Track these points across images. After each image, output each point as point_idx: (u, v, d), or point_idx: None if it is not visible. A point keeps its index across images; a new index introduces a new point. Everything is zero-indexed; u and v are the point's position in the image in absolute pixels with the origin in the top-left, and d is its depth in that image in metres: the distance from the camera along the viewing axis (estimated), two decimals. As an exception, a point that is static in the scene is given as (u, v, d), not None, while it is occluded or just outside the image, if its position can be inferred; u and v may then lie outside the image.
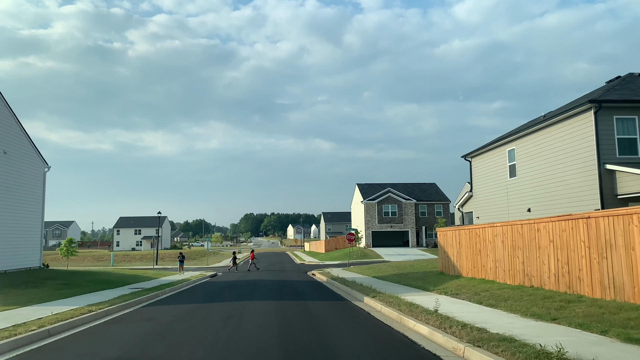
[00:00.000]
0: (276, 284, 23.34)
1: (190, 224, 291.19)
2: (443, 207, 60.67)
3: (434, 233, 61.05)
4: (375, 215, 58.60)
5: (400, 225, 58.59)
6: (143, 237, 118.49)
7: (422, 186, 65.05)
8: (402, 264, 29.57)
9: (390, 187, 60.26)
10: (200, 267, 46.38)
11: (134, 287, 20.26)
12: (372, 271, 27.72)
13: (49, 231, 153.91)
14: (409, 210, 59.08)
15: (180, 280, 24.68)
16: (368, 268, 30.77)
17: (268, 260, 57.94)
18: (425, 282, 17.88)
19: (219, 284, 24.28)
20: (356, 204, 65.49)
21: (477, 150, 26.80)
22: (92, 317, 11.55)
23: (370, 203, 58.87)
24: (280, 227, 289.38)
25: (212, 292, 19.37)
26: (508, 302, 11.35)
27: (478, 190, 27.34)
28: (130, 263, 50.85)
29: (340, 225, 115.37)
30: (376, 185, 64.30)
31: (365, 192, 61.19)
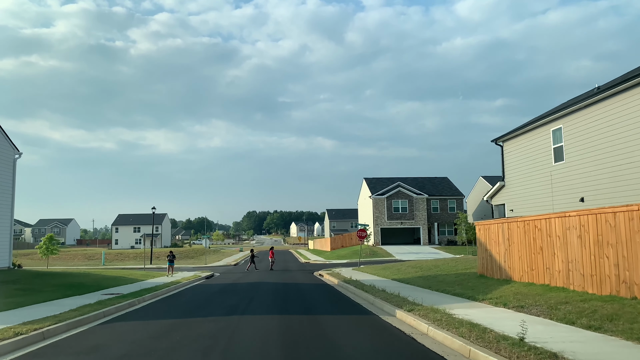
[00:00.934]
0: (279, 288, 19.81)
1: (192, 221, 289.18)
2: (457, 202, 57.03)
3: (446, 230, 57.47)
4: (384, 211, 55.03)
5: (411, 222, 54.99)
6: (142, 234, 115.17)
7: (433, 180, 61.38)
8: (422, 264, 25.98)
9: (400, 182, 56.65)
10: (198, 266, 42.95)
11: (107, 293, 16.77)
12: (390, 272, 24.15)
13: (47, 229, 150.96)
14: (420, 205, 55.47)
15: (167, 283, 21.17)
16: (383, 268, 27.20)
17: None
18: (465, 287, 14.31)
19: (212, 287, 20.76)
20: (363, 200, 61.93)
21: (511, 132, 23.18)
22: (14, 344, 8.01)
23: (379, 198, 55.30)
24: (283, 225, 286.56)
25: (200, 300, 15.83)
26: (618, 323, 7.77)
27: (512, 178, 23.71)
28: (123, 262, 47.52)
29: (345, 223, 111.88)
30: (384, 179, 60.69)
31: (374, 187, 57.61)
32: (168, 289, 18.94)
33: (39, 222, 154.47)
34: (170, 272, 26.82)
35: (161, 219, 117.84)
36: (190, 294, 17.87)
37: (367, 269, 29.22)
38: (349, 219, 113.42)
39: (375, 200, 55.44)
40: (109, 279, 22.07)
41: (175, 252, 56.97)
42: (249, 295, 16.35)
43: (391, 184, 56.97)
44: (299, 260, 51.73)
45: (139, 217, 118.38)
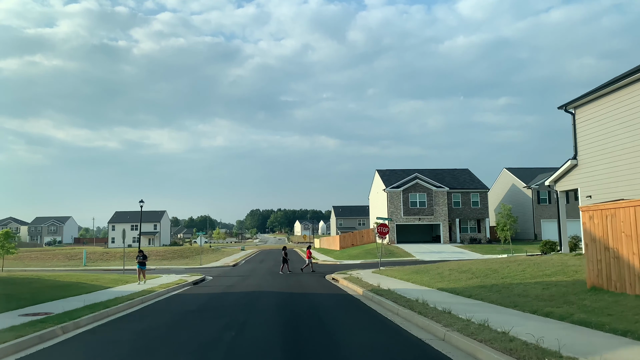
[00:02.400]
0: (285, 303, 14.35)
1: (195, 220, 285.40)
2: (480, 196, 51.41)
3: (468, 227, 51.85)
4: (400, 206, 49.49)
5: (429, 218, 49.43)
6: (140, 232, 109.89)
7: (453, 172, 55.73)
8: (471, 268, 20.36)
9: (417, 173, 51.06)
10: (190, 267, 37.62)
11: (31, 313, 11.40)
12: (429, 278, 18.64)
13: (43, 227, 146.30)
14: (440, 199, 49.90)
15: (133, 294, 15.73)
16: (415, 272, 21.68)
17: (274, 259, 49.03)
18: (587, 310, 8.82)
19: (192, 301, 15.29)
20: (376, 194, 56.37)
21: (587, 95, 17.60)
22: None
23: (394, 191, 49.74)
24: (287, 224, 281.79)
25: (159, 329, 10.34)
26: None
27: (587, 155, 18.11)
28: (107, 262, 42.28)
29: (352, 220, 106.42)
30: (399, 171, 55.12)
31: (388, 179, 52.06)
32: (128, 304, 13.50)
33: (35, 220, 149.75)
34: (142, 277, 21.10)
35: (159, 216, 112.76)
36: (156, 314, 12.42)
37: (392, 272, 23.72)
38: (357, 216, 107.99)
39: (390, 194, 49.90)
40: (60, 287, 16.69)
41: (171, 251, 51.72)
42: (239, 320, 10.84)
43: (407, 175, 51.41)
44: (305, 260, 46.28)
45: (137, 215, 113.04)
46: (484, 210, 51.40)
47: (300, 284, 21.31)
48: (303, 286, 19.87)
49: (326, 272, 30.10)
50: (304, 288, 18.86)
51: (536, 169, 56.69)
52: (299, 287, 19.56)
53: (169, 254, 47.47)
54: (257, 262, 43.75)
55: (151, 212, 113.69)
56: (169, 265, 39.23)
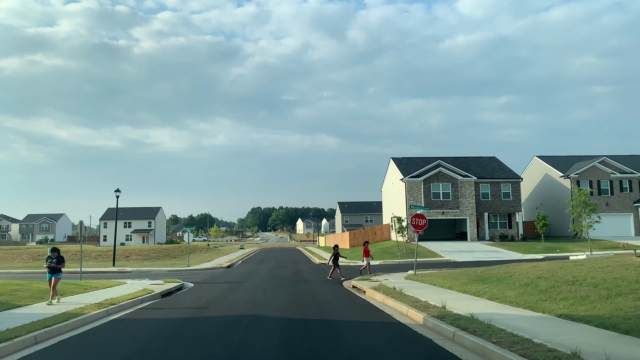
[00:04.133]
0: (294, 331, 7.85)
1: (195, 218, 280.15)
2: (512, 186, 44.88)
3: (498, 222, 45.34)
4: (420, 198, 42.98)
5: (454, 212, 42.95)
6: (133, 230, 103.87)
7: (479, 160, 49.20)
8: (575, 274, 13.65)
9: (440, 160, 44.58)
10: (175, 269, 31.23)
11: None
12: (515, 292, 12.14)
13: (35, 225, 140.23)
14: (467, 191, 43.44)
15: (21, 327, 9.23)
16: (478, 281, 15.22)
17: (275, 259, 42.65)
18: None
19: (125, 343, 8.82)
20: (390, 185, 49.86)
21: None
22: None
23: (414, 181, 43.23)
24: (289, 222, 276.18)
25: None
26: None
27: None
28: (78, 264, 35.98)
29: (359, 217, 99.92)
30: (417, 159, 48.66)
31: (405, 168, 45.59)
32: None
33: (27, 217, 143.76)
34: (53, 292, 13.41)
35: (155, 213, 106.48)
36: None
37: (437, 278, 17.29)
38: (364, 212, 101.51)
39: (408, 184, 43.37)
40: None
41: (157, 249, 45.27)
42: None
43: (426, 164, 44.93)
44: (311, 261, 39.91)
45: (130, 211, 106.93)
46: (516, 202, 44.86)
47: (314, 298, 14.84)
48: (319, 304, 13.39)
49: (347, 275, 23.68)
50: (322, 309, 12.37)
51: (571, 157, 50.17)
52: (314, 305, 13.09)
53: (154, 253, 41.12)
54: (255, 263, 37.37)
55: (145, 209, 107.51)
56: (150, 267, 32.86)
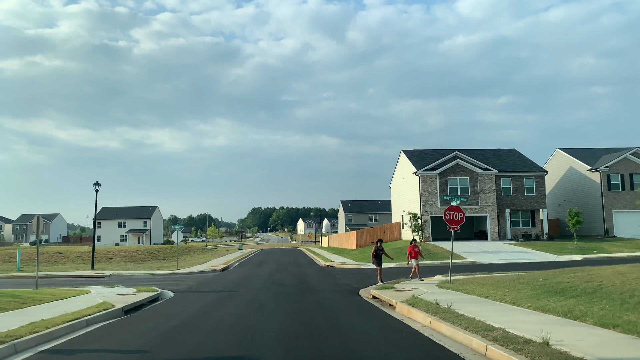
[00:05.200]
0: None
1: (195, 218, 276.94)
2: (536, 180, 40.78)
3: (520, 219, 41.29)
4: (435, 193, 38.93)
5: (474, 208, 38.89)
6: (128, 230, 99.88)
7: (498, 152, 45.12)
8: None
9: (457, 152, 40.51)
10: (160, 273, 27.23)
11: None
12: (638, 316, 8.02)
13: (29, 225, 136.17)
14: (487, 185, 39.38)
15: None
16: (552, 293, 11.23)
17: (276, 261, 38.66)
18: None
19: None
20: (401, 180, 45.79)
21: None
22: None
23: (429, 175, 39.16)
24: (290, 222, 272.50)
25: None
26: None
27: None
28: (55, 266, 31.83)
29: (363, 216, 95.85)
30: (430, 152, 44.59)
31: (418, 161, 41.54)
32: None
33: (21, 217, 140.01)
34: None
35: (150, 212, 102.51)
36: None
37: (494, 290, 13.25)
38: (368, 211, 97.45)
39: (423, 178, 39.30)
40: None
41: (146, 250, 41.25)
42: None
43: (440, 156, 40.85)
44: (316, 262, 35.91)
45: (125, 211, 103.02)
46: (540, 198, 40.78)
47: (330, 320, 10.78)
48: (339, 330, 9.29)
49: (355, 283, 19.66)
50: (345, 340, 8.28)
51: (597, 150, 46.13)
52: (332, 333, 9.00)
53: (141, 254, 37.09)
54: (253, 266, 33.36)
55: (141, 208, 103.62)
56: (134, 271, 28.86)
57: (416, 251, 18.87)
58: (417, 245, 19.19)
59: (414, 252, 18.87)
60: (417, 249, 18.94)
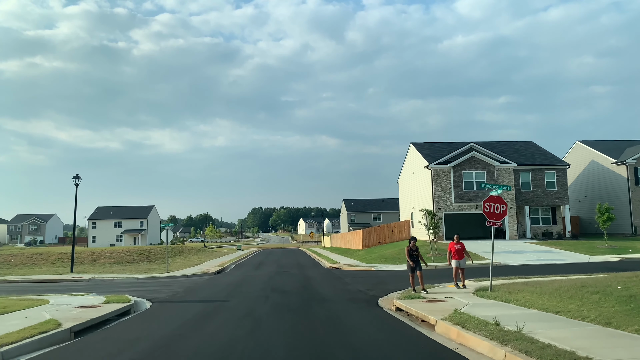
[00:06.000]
0: None
1: (194, 218, 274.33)
2: (557, 174, 37.71)
3: (540, 216, 38.21)
4: (449, 189, 35.87)
5: (490, 205, 35.92)
6: (124, 230, 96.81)
7: (515, 145, 42.05)
8: None
9: (473, 144, 37.42)
10: (147, 276, 24.18)
11: None
12: None
13: (24, 225, 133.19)
14: (505, 179, 36.31)
15: None
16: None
17: (276, 262, 35.65)
18: None
19: None
20: (411, 176, 42.71)
21: None
22: None
23: (442, 168, 36.09)
24: (290, 222, 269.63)
25: None
26: None
27: None
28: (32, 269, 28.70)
29: (367, 215, 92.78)
30: (442, 144, 41.53)
31: (429, 154, 38.49)
32: None
33: (16, 217, 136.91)
34: None
35: (147, 212, 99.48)
36: None
37: (558, 301, 10.17)
38: (371, 210, 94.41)
39: (435, 172, 36.22)
40: None
41: (135, 251, 38.16)
42: None
43: (453, 149, 37.76)
44: (320, 264, 32.88)
45: (121, 210, 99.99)
46: (562, 193, 37.69)
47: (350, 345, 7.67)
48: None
49: (367, 287, 16.63)
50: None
51: (621, 142, 43.08)
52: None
53: (130, 255, 34.02)
54: (251, 268, 30.34)
55: (137, 207, 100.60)
56: (118, 274, 25.82)
57: (458, 249, 14.89)
58: (460, 241, 15.17)
59: (454, 249, 14.92)
60: (459, 246, 14.96)
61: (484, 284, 15.31)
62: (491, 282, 13.73)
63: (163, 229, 27.93)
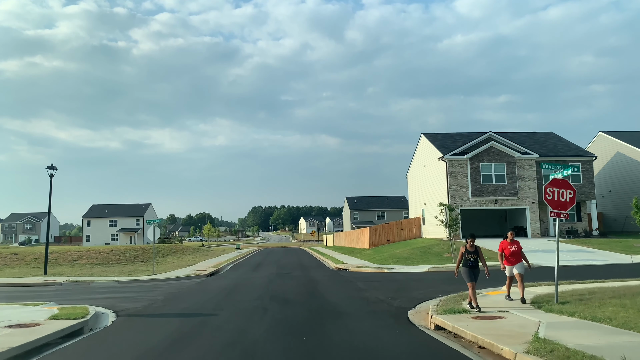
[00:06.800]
0: None
1: (194, 217, 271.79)
2: (582, 166, 34.61)
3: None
4: (466, 182, 32.80)
5: (511, 200, 32.76)
6: (119, 229, 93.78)
7: (534, 136, 38.92)
8: None
9: (491, 133, 34.30)
10: (130, 279, 21.13)
11: None
12: None
13: (18, 224, 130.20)
14: (527, 172, 33.26)
15: None
16: None
17: (277, 263, 32.63)
18: None
19: None
20: (422, 169, 39.61)
21: None
22: None
23: (458, 160, 33.01)
24: (290, 221, 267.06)
25: None
26: None
27: None
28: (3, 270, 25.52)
29: (370, 213, 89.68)
30: (455, 135, 38.45)
31: (442, 145, 35.41)
32: None
33: (10, 216, 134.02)
34: None
35: (143, 210, 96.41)
36: None
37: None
38: (375, 208, 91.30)
39: (450, 164, 33.13)
40: None
41: (122, 251, 34.86)
42: None
43: (468, 140, 34.65)
44: (325, 265, 29.84)
45: (116, 209, 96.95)
46: (589, 188, 34.58)
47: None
48: None
49: (388, 294, 13.55)
50: None
51: (647, 132, 39.95)
52: None
53: (115, 255, 30.90)
54: (249, 269, 27.30)
55: (133, 206, 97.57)
56: (97, 277, 22.75)
57: (514, 250, 11.02)
58: (515, 240, 11.23)
59: (509, 250, 11.06)
60: (515, 246, 11.01)
61: (535, 291, 12.31)
62: (557, 290, 10.65)
63: (150, 226, 24.87)
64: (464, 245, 10.47)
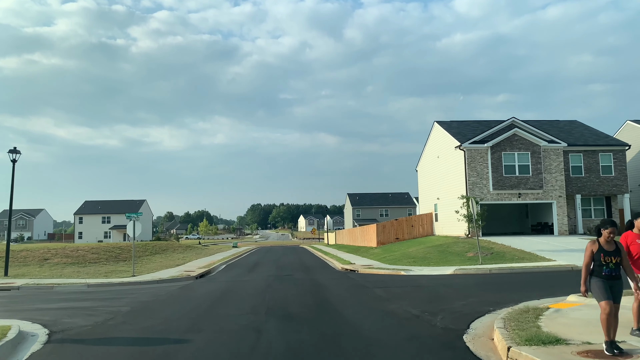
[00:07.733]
0: None
1: (192, 215, 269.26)
2: (614, 157, 31.32)
3: (592, 207, 31.87)
4: (486, 174, 29.51)
5: (536, 193, 29.48)
6: (113, 226, 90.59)
7: (558, 124, 35.62)
8: None
9: (514, 118, 30.94)
10: (105, 282, 17.86)
11: None
12: None
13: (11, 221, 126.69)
14: (553, 163, 30.00)
15: None
16: None
17: (276, 262, 29.34)
18: None
19: None
20: (435, 160, 36.26)
21: None
22: None
23: (477, 149, 29.71)
24: (290, 219, 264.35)
25: None
26: None
27: None
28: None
29: (373, 211, 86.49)
30: (472, 122, 35.16)
31: (459, 133, 32.12)
32: None
33: (2, 213, 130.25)
34: None
35: (137, 206, 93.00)
36: None
37: None
38: (378, 205, 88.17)
39: (469, 153, 29.81)
40: None
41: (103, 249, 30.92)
42: None
43: (486, 128, 31.33)
44: (330, 265, 26.55)
45: (110, 205, 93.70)
46: (622, 180, 31.31)
47: None
48: None
49: (419, 307, 10.10)
50: None
51: (679, 122, 36.66)
52: None
53: (94, 254, 27.55)
54: (244, 270, 24.02)
55: (127, 202, 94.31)
56: (67, 278, 19.48)
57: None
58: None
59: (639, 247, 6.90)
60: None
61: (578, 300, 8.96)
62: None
63: (129, 220, 21.54)
64: (595, 241, 6.37)
